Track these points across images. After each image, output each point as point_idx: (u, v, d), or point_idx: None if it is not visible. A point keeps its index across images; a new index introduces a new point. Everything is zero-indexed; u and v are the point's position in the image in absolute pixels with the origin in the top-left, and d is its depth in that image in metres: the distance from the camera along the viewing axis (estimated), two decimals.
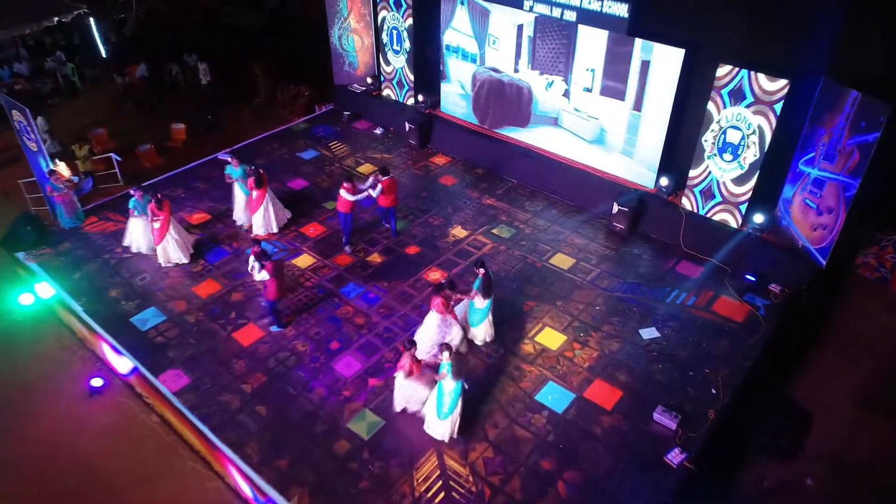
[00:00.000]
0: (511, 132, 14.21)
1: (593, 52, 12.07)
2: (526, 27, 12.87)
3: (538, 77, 13.24)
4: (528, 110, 13.73)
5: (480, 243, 12.16)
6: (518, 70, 13.49)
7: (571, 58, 12.49)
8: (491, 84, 14.07)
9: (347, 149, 15.39)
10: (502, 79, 13.84)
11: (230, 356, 9.79)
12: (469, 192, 13.70)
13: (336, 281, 11.25)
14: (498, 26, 13.31)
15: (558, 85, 12.99)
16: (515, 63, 13.44)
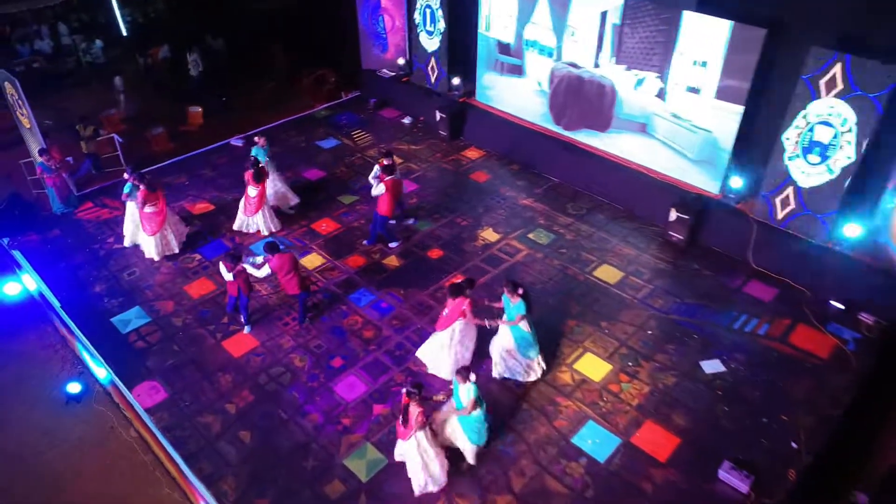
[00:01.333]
0: (588, 137, 12.09)
1: (707, 40, 9.75)
2: (611, 14, 10.76)
3: (624, 73, 11.13)
4: (610, 113, 11.56)
5: (513, 249, 10.59)
6: (598, 65, 11.39)
7: (671, 49, 10.24)
8: (569, 81, 11.96)
9: (371, 138, 13.99)
10: (582, 75, 11.72)
11: (216, 368, 8.45)
12: (503, 190, 12.14)
13: (345, 286, 9.83)
14: (578, 14, 11.25)
15: (651, 83, 10.83)
16: (596, 56, 11.35)
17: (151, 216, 9.94)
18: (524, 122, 13.02)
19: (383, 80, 15.24)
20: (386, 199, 9.99)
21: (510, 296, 7.80)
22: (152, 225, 10.00)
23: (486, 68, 13.28)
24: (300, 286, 8.72)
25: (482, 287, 9.64)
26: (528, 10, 11.96)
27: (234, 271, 8.46)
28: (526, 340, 7.98)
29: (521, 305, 7.77)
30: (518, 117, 13.12)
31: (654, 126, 11.08)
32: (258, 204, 10.52)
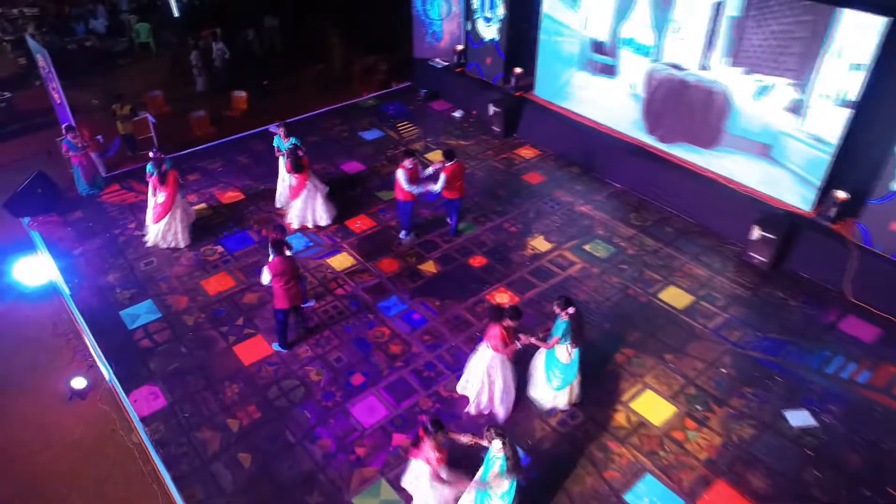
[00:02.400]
0: (688, 153, 10.40)
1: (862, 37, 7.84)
2: (728, 4, 9.04)
3: (742, 78, 9.27)
4: (719, 125, 9.74)
5: (566, 261, 9.35)
6: (708, 67, 9.59)
7: (819, 49, 8.26)
8: (670, 85, 10.24)
9: (418, 131, 12.96)
10: (686, 78, 9.98)
11: (223, 377, 7.56)
12: (559, 194, 10.89)
13: (375, 292, 8.80)
14: (686, 5, 9.59)
15: (781, 92, 8.86)
16: (704, 56, 9.56)
17: (157, 205, 9.21)
18: (587, 120, 11.73)
19: (435, 70, 14.20)
20: (400, 189, 9.10)
21: (559, 311, 6.62)
22: (157, 213, 9.25)
23: (573, 66, 11.93)
24: (290, 300, 7.45)
25: (527, 303, 8.48)
26: (626, 5, 10.42)
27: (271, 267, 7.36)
28: (555, 367, 6.79)
29: (559, 326, 6.57)
30: (576, 113, 11.83)
31: (784, 150, 9.09)
32: (296, 191, 9.62)
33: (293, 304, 7.56)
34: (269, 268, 7.22)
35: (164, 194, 9.14)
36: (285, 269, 7.25)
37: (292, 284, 7.36)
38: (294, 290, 7.44)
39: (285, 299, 7.39)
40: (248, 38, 18.58)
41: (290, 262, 7.37)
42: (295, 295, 7.49)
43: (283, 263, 7.23)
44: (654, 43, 10.26)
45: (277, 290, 7.33)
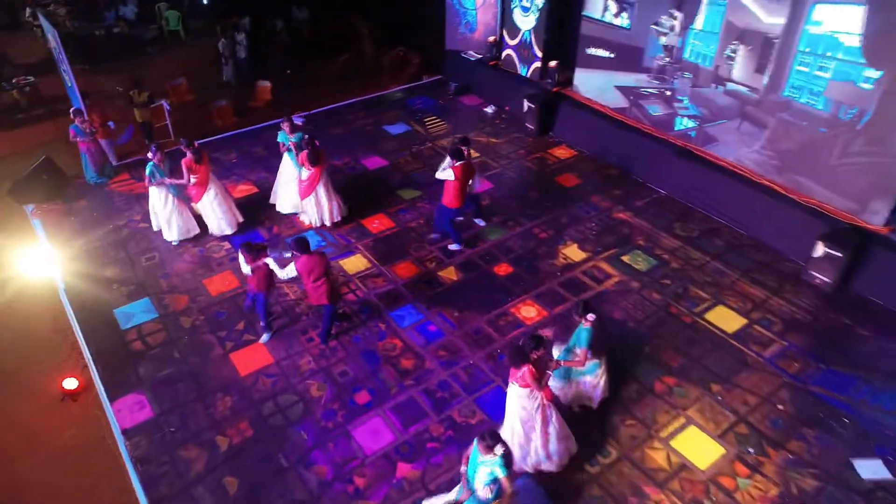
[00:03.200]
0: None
1: None
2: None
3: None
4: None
5: (602, 274, 8.43)
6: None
7: None
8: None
9: (446, 126, 12.16)
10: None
11: (216, 387, 6.87)
12: (595, 198, 9.97)
13: (388, 299, 8.03)
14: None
15: None
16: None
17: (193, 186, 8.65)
18: (629, 119, 10.77)
19: (468, 63, 13.38)
20: (453, 189, 8.15)
21: (578, 319, 5.83)
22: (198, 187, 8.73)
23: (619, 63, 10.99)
24: (329, 296, 7.00)
25: (556, 318, 7.60)
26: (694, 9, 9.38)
27: (254, 265, 6.88)
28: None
29: (582, 335, 5.76)
30: (617, 111, 10.88)
31: None
32: (309, 188, 8.92)
33: (331, 301, 7.13)
34: (297, 266, 6.79)
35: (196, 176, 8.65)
36: (311, 266, 6.77)
37: (321, 282, 6.88)
38: (325, 288, 6.94)
39: (324, 296, 6.98)
40: (277, 29, 18.08)
41: (317, 259, 6.87)
42: (327, 292, 6.99)
43: (309, 261, 6.74)
44: (714, 55, 9.28)
45: (309, 289, 6.98)
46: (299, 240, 6.91)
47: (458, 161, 8.08)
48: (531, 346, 5.44)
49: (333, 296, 7.11)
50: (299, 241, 6.87)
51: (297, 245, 6.83)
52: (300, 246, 6.82)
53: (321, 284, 6.92)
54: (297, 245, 6.83)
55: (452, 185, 8.13)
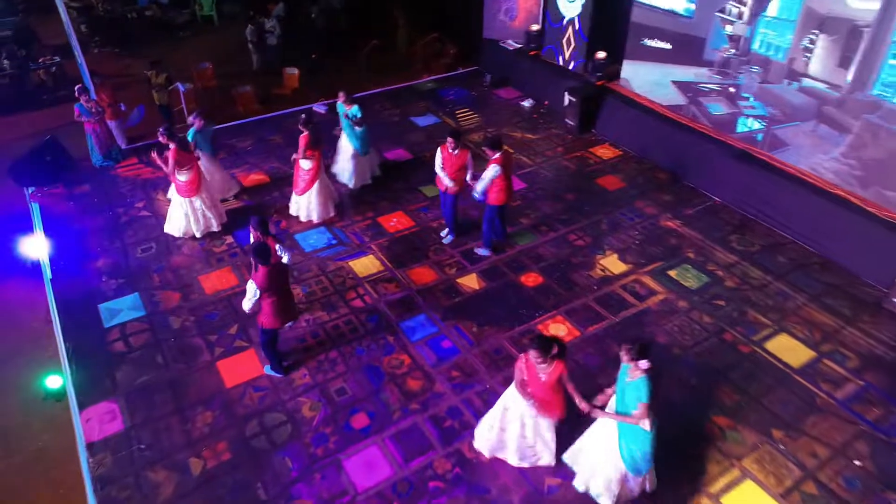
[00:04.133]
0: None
1: None
2: None
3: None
4: None
5: (645, 290, 7.37)
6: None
7: None
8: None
9: (479, 120, 11.22)
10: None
11: (198, 400, 6.08)
12: (640, 204, 8.89)
13: (400, 307, 7.13)
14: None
15: None
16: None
17: (190, 179, 7.84)
18: (682, 117, 9.64)
19: (506, 53, 12.41)
20: (499, 183, 7.21)
21: (629, 363, 4.70)
22: (190, 183, 7.86)
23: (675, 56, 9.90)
24: (275, 318, 5.87)
25: (589, 339, 6.60)
26: None
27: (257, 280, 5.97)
28: (644, 448, 4.84)
29: (642, 386, 4.64)
30: (669, 108, 9.76)
31: None
32: (310, 181, 8.10)
33: (285, 321, 6.02)
34: (255, 279, 5.65)
35: (188, 174, 7.80)
36: (269, 283, 5.65)
37: (276, 299, 5.77)
38: (282, 304, 5.86)
39: (273, 317, 5.82)
40: (312, 16, 17.43)
41: (276, 271, 5.75)
42: (284, 309, 5.92)
43: (266, 276, 5.62)
44: (788, 46, 8.05)
45: (264, 306, 5.77)
46: (260, 250, 5.68)
47: (498, 151, 7.10)
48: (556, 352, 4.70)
49: (275, 317, 5.87)
50: (261, 251, 5.66)
51: (257, 254, 5.62)
52: (261, 256, 5.62)
53: (277, 301, 5.81)
54: (258, 254, 5.62)
55: (497, 179, 7.18)
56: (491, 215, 7.49)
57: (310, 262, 7.80)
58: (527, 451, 5.32)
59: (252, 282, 5.60)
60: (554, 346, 4.75)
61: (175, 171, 7.68)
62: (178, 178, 7.76)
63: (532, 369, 4.86)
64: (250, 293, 5.66)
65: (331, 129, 9.07)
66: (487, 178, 7.11)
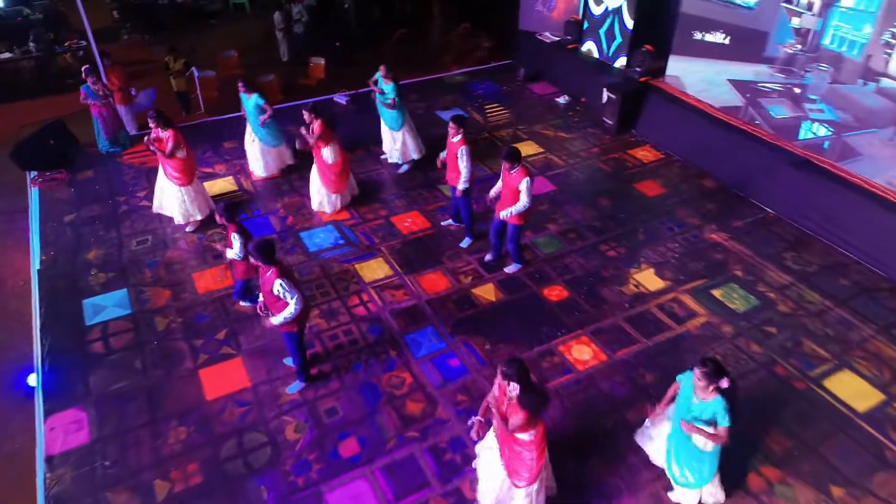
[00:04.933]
0: None
1: None
2: None
3: None
4: None
5: (684, 311, 6.50)
6: None
7: None
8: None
9: (509, 116, 10.44)
10: None
11: (173, 412, 5.47)
12: (682, 213, 8.00)
13: (406, 318, 6.42)
14: None
15: None
16: None
17: (181, 163, 7.26)
18: (733, 119, 8.69)
19: (542, 46, 11.61)
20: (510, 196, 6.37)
21: (703, 383, 4.00)
22: (184, 172, 7.31)
23: (730, 52, 8.96)
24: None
25: (617, 365, 5.78)
26: None
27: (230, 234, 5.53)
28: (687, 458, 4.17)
29: (720, 407, 3.98)
30: (719, 109, 8.81)
31: None
32: (340, 174, 7.57)
33: (306, 319, 5.48)
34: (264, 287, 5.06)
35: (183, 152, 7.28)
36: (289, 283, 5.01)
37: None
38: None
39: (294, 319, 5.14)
40: (345, 5, 16.90)
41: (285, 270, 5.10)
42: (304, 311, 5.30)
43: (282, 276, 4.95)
44: (865, 42, 6.99)
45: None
46: (262, 246, 4.92)
47: (518, 164, 6.22)
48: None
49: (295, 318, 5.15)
50: (263, 248, 4.90)
51: (259, 250, 4.89)
52: (263, 251, 4.91)
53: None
54: (260, 250, 4.90)
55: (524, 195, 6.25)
56: (515, 235, 6.65)
57: (313, 263, 7.15)
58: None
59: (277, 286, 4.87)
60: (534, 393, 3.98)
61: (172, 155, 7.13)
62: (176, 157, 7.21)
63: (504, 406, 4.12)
64: (286, 312, 4.95)
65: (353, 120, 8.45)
66: (522, 205, 6.17)
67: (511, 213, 6.26)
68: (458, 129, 6.64)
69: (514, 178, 6.13)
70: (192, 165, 7.38)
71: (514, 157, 6.08)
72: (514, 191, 6.16)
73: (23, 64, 13.35)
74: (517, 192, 6.13)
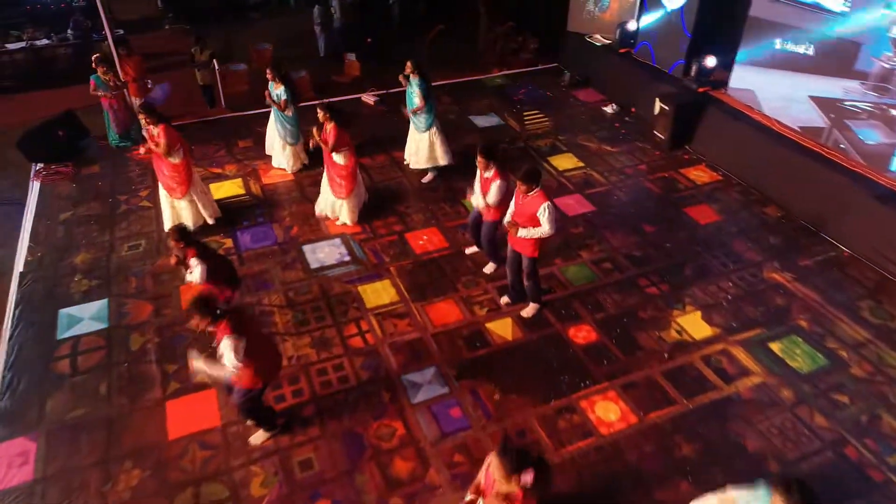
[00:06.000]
0: None
1: None
2: None
3: None
4: None
5: (735, 367, 5.48)
6: None
7: None
8: None
9: (549, 124, 9.52)
10: None
11: (130, 450, 4.81)
12: (739, 246, 6.93)
13: (407, 353, 5.61)
14: None
15: None
16: None
17: (178, 169, 6.65)
18: (806, 140, 7.54)
19: (591, 49, 10.62)
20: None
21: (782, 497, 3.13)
22: (180, 182, 6.71)
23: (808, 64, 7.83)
24: (256, 377, 4.41)
25: (646, 431, 4.82)
26: None
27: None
28: None
29: None
30: (794, 129, 7.66)
31: None
32: (350, 178, 6.83)
33: (272, 376, 4.63)
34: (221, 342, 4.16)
35: (178, 156, 6.63)
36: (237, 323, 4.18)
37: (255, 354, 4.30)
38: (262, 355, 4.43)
39: (255, 375, 4.38)
40: (390, 2, 16.24)
41: (239, 320, 4.25)
42: (267, 359, 4.51)
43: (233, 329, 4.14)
44: None
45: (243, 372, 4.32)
46: (199, 302, 4.10)
47: (537, 186, 5.30)
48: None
49: (257, 375, 4.40)
50: (200, 304, 4.08)
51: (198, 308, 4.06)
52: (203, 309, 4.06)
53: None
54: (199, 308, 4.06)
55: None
56: (533, 269, 5.73)
57: (312, 281, 6.42)
58: None
59: (223, 346, 4.11)
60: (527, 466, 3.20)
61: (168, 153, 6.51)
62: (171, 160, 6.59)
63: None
64: (222, 370, 4.17)
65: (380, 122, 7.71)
66: (542, 231, 5.27)
67: (530, 234, 5.34)
68: (487, 162, 5.75)
69: (530, 202, 5.23)
70: (188, 172, 6.72)
71: (533, 177, 5.18)
72: (530, 217, 5.26)
73: (59, 51, 13.15)
74: (534, 218, 5.23)
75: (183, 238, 4.96)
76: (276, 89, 7.68)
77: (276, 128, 8.02)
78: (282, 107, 7.72)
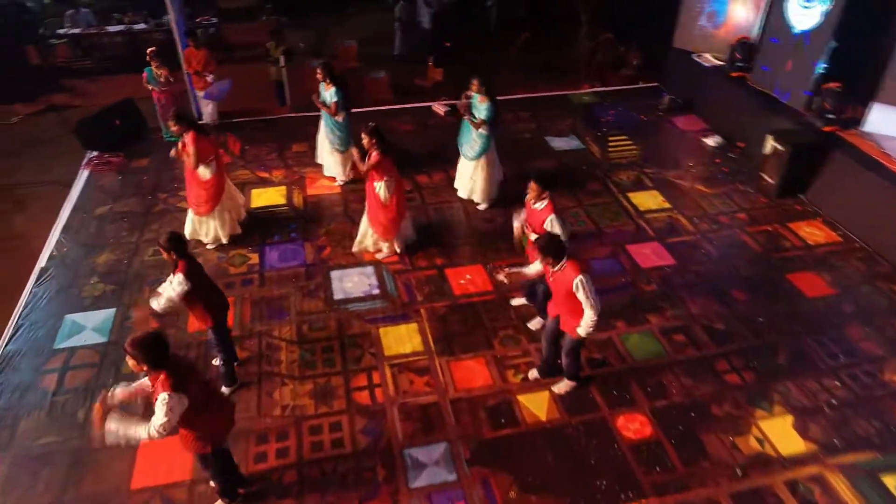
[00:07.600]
0: None
1: None
2: None
3: None
4: None
5: (829, 499, 4.20)
6: None
7: None
8: None
9: (637, 153, 8.34)
10: None
11: (86, 496, 4.26)
12: (856, 332, 5.53)
13: (418, 420, 4.75)
14: None
15: None
16: None
17: (206, 186, 6.13)
18: None
19: (698, 70, 9.29)
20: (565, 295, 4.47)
21: None
22: (206, 199, 6.19)
23: None
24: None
25: None
26: None
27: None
28: None
29: None
30: None
31: None
32: (395, 210, 6.06)
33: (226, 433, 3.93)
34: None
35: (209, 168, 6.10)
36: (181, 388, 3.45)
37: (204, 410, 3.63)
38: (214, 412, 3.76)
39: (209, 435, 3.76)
40: (488, 4, 15.42)
41: (180, 373, 3.51)
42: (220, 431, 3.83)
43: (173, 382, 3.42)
44: None
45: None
46: (141, 343, 3.43)
47: (564, 256, 4.24)
48: None
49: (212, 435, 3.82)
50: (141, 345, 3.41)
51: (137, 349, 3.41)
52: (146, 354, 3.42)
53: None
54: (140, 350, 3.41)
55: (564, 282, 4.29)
56: (575, 349, 4.71)
57: (331, 315, 5.70)
58: None
59: (158, 403, 3.41)
60: None
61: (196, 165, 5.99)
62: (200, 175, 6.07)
63: None
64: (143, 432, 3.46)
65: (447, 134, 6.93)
66: (590, 318, 4.26)
67: (582, 329, 4.32)
68: (540, 191, 4.80)
69: (562, 275, 4.21)
70: (216, 190, 6.16)
71: (555, 250, 4.16)
72: (566, 292, 4.24)
73: (155, 36, 13.29)
74: (571, 294, 4.20)
75: (174, 248, 4.32)
76: (326, 91, 7.01)
77: (325, 134, 7.38)
78: (332, 111, 7.05)
